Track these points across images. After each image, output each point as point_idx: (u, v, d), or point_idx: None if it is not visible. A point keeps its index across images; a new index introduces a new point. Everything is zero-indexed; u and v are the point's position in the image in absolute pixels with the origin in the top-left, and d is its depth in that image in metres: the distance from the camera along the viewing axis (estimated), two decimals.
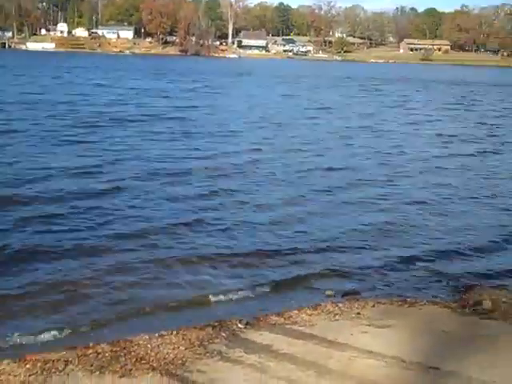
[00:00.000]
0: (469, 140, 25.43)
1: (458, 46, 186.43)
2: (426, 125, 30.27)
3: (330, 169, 17.41)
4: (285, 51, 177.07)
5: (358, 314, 7.34)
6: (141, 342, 6.35)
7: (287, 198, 13.73)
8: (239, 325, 6.96)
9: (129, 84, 48.82)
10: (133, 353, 6.08)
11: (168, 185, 14.49)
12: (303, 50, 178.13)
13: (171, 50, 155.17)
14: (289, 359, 5.99)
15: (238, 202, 13.25)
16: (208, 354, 6.09)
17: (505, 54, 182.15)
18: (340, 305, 7.71)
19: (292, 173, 16.63)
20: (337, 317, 7.25)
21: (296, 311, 7.42)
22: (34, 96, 34.42)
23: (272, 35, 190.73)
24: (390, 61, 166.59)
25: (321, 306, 7.64)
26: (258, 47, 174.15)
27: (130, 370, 5.71)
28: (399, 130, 27.96)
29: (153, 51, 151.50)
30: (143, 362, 5.89)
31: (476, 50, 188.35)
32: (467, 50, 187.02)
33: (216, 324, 6.94)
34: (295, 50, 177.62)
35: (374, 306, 7.70)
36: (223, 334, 6.65)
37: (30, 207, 12.07)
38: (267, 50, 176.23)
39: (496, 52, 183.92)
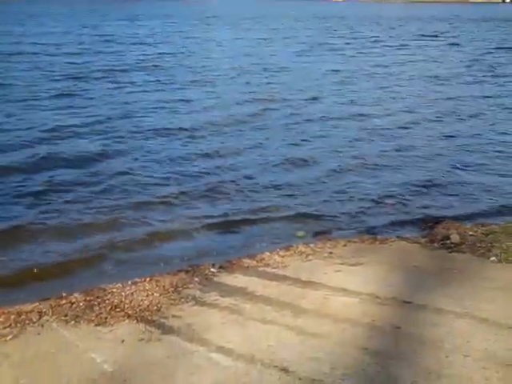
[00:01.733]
0: None
1: None
2: None
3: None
4: None
5: (331, 253, 7.39)
6: (114, 290, 6.29)
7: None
8: (212, 269, 6.93)
9: (96, 31, 46.94)
10: (107, 301, 6.02)
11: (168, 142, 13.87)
12: None
13: None
14: (264, 301, 6.00)
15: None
16: (183, 300, 6.06)
17: None
18: (312, 245, 7.74)
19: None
20: (309, 257, 7.28)
21: (268, 253, 7.42)
22: (3, 47, 32.77)
23: None
24: None
25: (293, 247, 7.65)
26: None
27: (106, 318, 5.66)
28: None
29: None
30: (118, 309, 5.84)
31: None
32: None
33: (189, 269, 6.91)
34: None
35: (345, 245, 7.75)
36: (196, 279, 6.62)
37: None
38: None
39: None
